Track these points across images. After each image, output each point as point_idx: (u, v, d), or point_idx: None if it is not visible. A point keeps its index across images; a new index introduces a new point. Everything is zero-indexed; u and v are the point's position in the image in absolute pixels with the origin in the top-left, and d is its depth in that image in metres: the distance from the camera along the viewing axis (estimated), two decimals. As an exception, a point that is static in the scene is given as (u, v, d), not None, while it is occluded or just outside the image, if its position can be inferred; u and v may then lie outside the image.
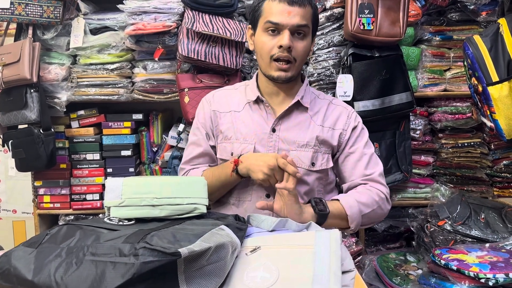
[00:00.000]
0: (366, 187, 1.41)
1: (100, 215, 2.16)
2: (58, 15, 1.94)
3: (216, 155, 1.50)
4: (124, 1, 1.99)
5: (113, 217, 1.03)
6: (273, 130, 1.41)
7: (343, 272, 0.91)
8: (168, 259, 0.79)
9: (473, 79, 1.70)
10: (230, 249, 0.90)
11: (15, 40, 2.01)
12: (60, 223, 2.21)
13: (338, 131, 1.44)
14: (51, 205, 2.18)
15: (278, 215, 1.24)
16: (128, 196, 1.04)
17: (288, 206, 1.24)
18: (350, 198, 1.36)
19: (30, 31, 1.96)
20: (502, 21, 1.66)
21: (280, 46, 1.31)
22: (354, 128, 1.46)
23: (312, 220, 1.21)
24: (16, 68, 1.89)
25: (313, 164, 1.41)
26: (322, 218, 1.27)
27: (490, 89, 1.61)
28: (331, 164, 1.44)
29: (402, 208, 2.30)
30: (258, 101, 1.44)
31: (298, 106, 1.43)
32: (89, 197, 2.17)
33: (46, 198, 2.18)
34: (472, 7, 2.12)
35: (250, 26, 1.44)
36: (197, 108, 1.55)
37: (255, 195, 1.41)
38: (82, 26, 2.03)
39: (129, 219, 1.03)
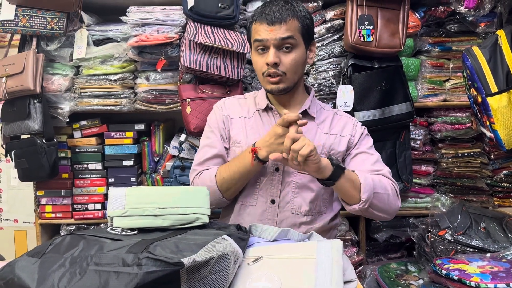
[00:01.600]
0: (378, 176, 1.41)
1: (102, 225, 2.17)
2: (61, 26, 1.96)
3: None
4: (127, 13, 2.01)
5: (116, 227, 1.04)
6: None
7: (345, 282, 0.92)
8: (171, 269, 0.80)
9: (473, 89, 1.72)
10: (232, 259, 0.90)
11: (19, 51, 2.03)
12: (62, 233, 2.21)
13: (346, 137, 1.48)
14: (53, 215, 2.19)
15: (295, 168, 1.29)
16: (131, 206, 1.05)
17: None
18: (365, 173, 1.37)
19: (34, 42, 1.98)
20: (501, 33, 1.68)
21: (268, 63, 1.37)
22: (361, 135, 1.50)
23: (327, 173, 1.25)
24: (20, 79, 1.91)
25: None
26: (338, 171, 1.28)
27: (489, 99, 1.63)
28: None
29: (403, 218, 2.30)
30: (267, 109, 1.49)
31: (305, 115, 1.47)
32: (90, 207, 2.18)
33: (48, 208, 2.18)
34: (470, 18, 2.14)
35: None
36: (208, 115, 1.58)
37: (260, 200, 1.43)
38: (85, 37, 2.05)
39: (132, 229, 1.03)
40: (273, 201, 1.42)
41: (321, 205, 1.46)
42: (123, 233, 1.01)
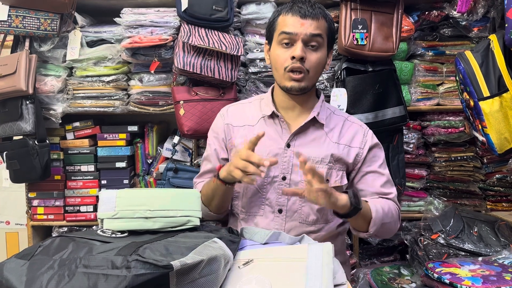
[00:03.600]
0: (386, 200, 1.42)
1: (94, 227, 2.15)
2: (55, 27, 1.96)
3: None
4: (121, 15, 2.01)
5: (106, 229, 1.04)
6: (288, 146, 1.40)
7: (335, 286, 0.92)
8: (160, 271, 0.79)
9: (465, 94, 1.73)
10: (222, 262, 0.90)
11: (11, 52, 2.02)
12: (54, 235, 2.19)
13: (354, 149, 1.44)
14: (45, 217, 2.17)
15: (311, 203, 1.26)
16: (122, 208, 1.04)
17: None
18: (377, 203, 1.37)
19: (27, 43, 1.97)
20: (493, 37, 1.69)
21: (293, 57, 1.33)
22: (371, 148, 1.46)
23: (343, 210, 1.25)
24: (12, 80, 1.89)
25: (327, 181, 1.39)
26: (353, 212, 1.27)
27: (482, 104, 1.63)
28: (345, 182, 1.43)
29: (396, 221, 2.31)
30: (273, 115, 1.44)
31: (314, 122, 1.43)
32: (83, 208, 2.17)
33: (40, 210, 2.17)
34: (464, 23, 2.16)
35: (266, 41, 1.47)
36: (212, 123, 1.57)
37: (267, 210, 1.40)
38: (78, 38, 2.04)
39: (122, 231, 1.03)
40: (280, 211, 1.39)
41: (328, 214, 1.42)
42: (113, 235, 1.01)
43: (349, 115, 1.56)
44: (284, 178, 1.39)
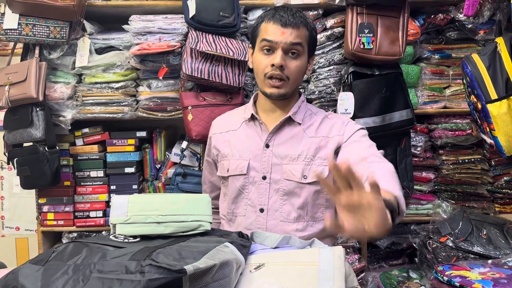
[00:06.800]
0: (379, 165, 1.27)
1: (103, 232, 2.17)
2: (64, 35, 1.98)
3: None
4: (129, 22, 2.03)
5: (118, 234, 1.05)
6: (267, 146, 1.44)
7: (347, 289, 0.92)
8: (174, 276, 0.80)
9: (472, 96, 1.73)
10: (234, 266, 0.91)
11: (21, 60, 2.04)
12: (64, 241, 2.21)
13: (334, 138, 1.43)
14: (55, 222, 2.19)
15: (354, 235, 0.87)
16: (134, 213, 1.05)
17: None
18: (384, 178, 1.14)
19: (37, 51, 1.99)
20: (500, 40, 1.69)
21: (273, 65, 1.37)
22: (353, 133, 1.42)
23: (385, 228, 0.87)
24: (22, 87, 1.92)
25: (304, 177, 1.41)
26: (393, 214, 1.03)
27: (489, 106, 1.64)
28: (326, 174, 1.39)
29: (404, 225, 2.31)
30: (253, 118, 1.50)
31: (291, 122, 1.46)
32: (92, 214, 2.18)
33: (50, 215, 2.18)
34: (470, 26, 2.16)
35: (250, 46, 1.52)
36: None
37: (249, 210, 1.43)
38: (87, 45, 2.06)
39: (135, 236, 1.04)
40: (261, 210, 1.42)
41: (315, 211, 1.43)
42: (126, 240, 1.02)
43: (332, 113, 1.53)
44: (264, 178, 1.42)
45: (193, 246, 0.96)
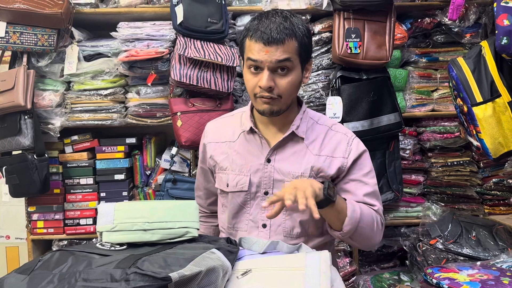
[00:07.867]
0: (369, 207, 1.34)
1: (94, 240, 2.16)
2: (52, 43, 1.98)
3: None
4: (117, 29, 2.03)
5: (105, 242, 1.04)
6: (268, 161, 1.37)
7: (333, 293, 0.92)
8: (159, 284, 0.80)
9: (458, 99, 1.75)
10: (221, 273, 0.91)
11: (9, 68, 2.04)
12: (54, 249, 2.20)
13: (337, 159, 1.36)
14: (45, 231, 2.17)
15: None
16: (120, 221, 1.05)
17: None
18: (357, 205, 1.29)
19: (25, 59, 1.99)
20: (484, 44, 1.71)
21: (260, 87, 1.28)
22: (356, 157, 1.38)
23: (316, 199, 1.14)
24: (10, 95, 1.91)
25: None
26: (325, 202, 1.19)
27: (475, 109, 1.65)
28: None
29: (394, 228, 2.32)
30: (252, 131, 1.40)
31: (294, 136, 1.38)
32: (82, 221, 2.17)
33: (40, 224, 2.17)
34: (456, 29, 2.19)
35: (240, 56, 1.41)
36: None
37: (251, 225, 1.39)
38: (76, 53, 2.06)
39: (121, 244, 1.03)
40: (264, 225, 1.38)
41: (318, 225, 1.38)
42: (112, 248, 1.01)
43: (336, 123, 1.47)
44: (266, 193, 1.37)
45: (179, 253, 0.95)
